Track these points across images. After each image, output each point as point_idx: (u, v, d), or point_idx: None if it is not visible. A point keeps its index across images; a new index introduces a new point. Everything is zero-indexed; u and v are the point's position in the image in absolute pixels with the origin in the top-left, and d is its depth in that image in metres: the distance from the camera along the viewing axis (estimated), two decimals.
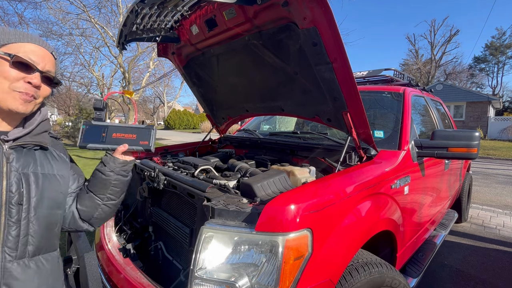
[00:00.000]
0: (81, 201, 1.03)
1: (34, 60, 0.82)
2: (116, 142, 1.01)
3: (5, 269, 0.78)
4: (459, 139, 1.81)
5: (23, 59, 0.80)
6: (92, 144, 0.99)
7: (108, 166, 1.02)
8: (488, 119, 19.42)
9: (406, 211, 1.77)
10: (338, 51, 1.35)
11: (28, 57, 0.81)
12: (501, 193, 5.85)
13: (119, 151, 1.02)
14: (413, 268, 2.07)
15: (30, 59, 0.82)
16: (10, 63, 0.78)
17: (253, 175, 1.54)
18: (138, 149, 1.03)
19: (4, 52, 0.79)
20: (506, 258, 2.99)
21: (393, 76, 2.94)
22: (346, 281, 1.22)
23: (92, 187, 1.03)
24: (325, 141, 1.95)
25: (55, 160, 0.96)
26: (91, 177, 1.05)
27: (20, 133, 0.86)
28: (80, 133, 0.99)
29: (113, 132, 1.01)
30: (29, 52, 0.83)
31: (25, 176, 0.84)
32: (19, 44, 0.83)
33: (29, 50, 0.83)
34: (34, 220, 0.85)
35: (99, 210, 1.04)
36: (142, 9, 1.42)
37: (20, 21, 14.10)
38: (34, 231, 0.85)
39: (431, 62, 32.00)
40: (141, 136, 1.03)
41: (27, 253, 0.83)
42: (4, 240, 0.79)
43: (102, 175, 1.02)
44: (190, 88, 2.57)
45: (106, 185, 1.02)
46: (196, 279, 1.04)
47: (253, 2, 1.42)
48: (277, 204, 1.05)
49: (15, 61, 0.79)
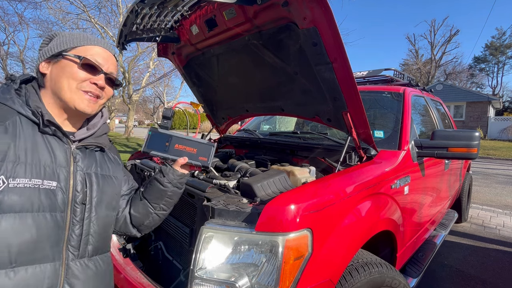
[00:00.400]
0: (135, 206, 1.04)
1: (100, 62, 0.86)
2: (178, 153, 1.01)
3: (68, 268, 0.80)
4: (459, 139, 1.81)
5: (91, 61, 0.84)
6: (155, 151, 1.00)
7: (167, 177, 1.02)
8: (488, 119, 19.43)
9: (406, 211, 1.77)
10: (338, 51, 1.35)
11: (94, 59, 0.85)
12: (501, 193, 5.85)
13: (179, 163, 1.02)
14: (413, 268, 2.07)
15: (97, 61, 0.85)
16: (79, 65, 0.82)
17: (253, 175, 1.54)
18: (197, 164, 1.03)
19: (74, 54, 0.83)
20: (506, 258, 2.99)
21: (393, 76, 2.94)
22: (346, 281, 1.22)
23: (148, 195, 1.04)
24: (325, 141, 1.95)
25: (111, 161, 0.99)
26: (148, 185, 1.05)
27: (85, 134, 0.90)
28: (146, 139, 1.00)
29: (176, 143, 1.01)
30: (95, 55, 0.86)
31: (88, 176, 0.87)
32: (86, 47, 0.86)
33: (96, 53, 0.86)
34: (95, 220, 0.87)
35: (150, 218, 1.05)
36: (142, 9, 1.42)
37: (20, 21, 14.10)
38: (94, 231, 0.87)
39: (431, 62, 31.99)
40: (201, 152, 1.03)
41: (87, 252, 0.85)
42: (68, 239, 0.80)
43: (160, 185, 1.02)
44: (190, 88, 2.57)
45: (161, 195, 1.03)
46: (196, 279, 1.04)
47: (253, 2, 1.42)
48: (277, 204, 1.05)
49: (83, 63, 0.83)
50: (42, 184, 0.74)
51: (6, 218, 0.68)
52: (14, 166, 0.71)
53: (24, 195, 0.71)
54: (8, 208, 0.69)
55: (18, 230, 0.70)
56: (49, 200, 0.75)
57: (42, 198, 0.74)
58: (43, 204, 0.74)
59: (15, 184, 0.70)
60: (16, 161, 0.71)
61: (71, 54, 0.82)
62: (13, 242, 0.69)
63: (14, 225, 0.69)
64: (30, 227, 0.72)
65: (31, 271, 0.72)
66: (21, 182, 0.71)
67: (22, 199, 0.70)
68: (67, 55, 0.82)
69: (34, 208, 0.73)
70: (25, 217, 0.71)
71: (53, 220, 0.76)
